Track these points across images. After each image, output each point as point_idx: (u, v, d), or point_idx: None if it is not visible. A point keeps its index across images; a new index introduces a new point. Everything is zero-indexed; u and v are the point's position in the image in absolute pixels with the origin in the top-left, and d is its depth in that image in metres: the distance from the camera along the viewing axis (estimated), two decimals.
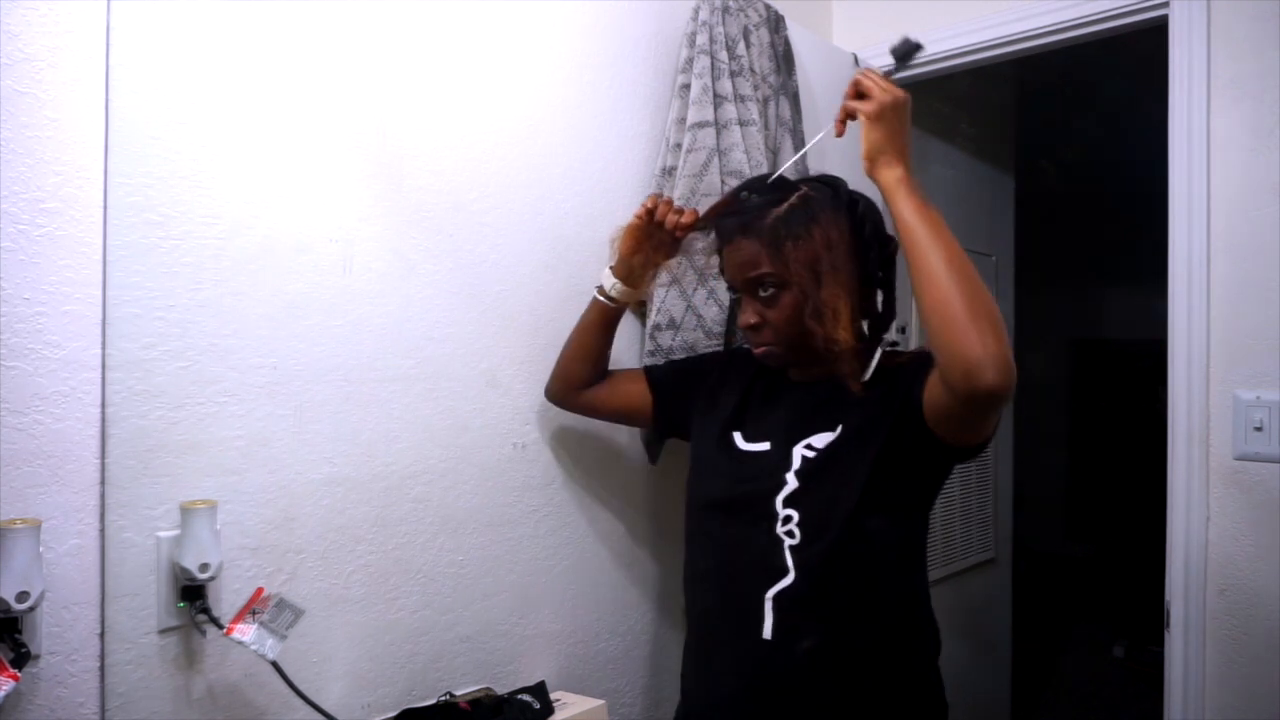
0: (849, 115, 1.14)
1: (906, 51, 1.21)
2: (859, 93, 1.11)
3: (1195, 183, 1.68)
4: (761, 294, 1.20)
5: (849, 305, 1.15)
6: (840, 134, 1.17)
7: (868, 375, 1.19)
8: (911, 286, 1.06)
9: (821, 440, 1.19)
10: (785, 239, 1.16)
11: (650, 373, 1.46)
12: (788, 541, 1.17)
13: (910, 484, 1.18)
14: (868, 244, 1.21)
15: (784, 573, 1.16)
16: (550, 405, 1.53)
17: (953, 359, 0.99)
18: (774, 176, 1.25)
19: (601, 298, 1.39)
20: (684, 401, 1.39)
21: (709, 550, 1.27)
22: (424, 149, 1.37)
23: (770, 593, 1.17)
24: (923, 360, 1.13)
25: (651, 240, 1.33)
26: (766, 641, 1.17)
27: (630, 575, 1.69)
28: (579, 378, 1.45)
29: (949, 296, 1.00)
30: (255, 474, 1.19)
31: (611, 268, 1.38)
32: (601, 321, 1.41)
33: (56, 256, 1.03)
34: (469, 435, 1.43)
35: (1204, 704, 1.67)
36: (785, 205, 1.19)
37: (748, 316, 1.22)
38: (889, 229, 1.21)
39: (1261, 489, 1.61)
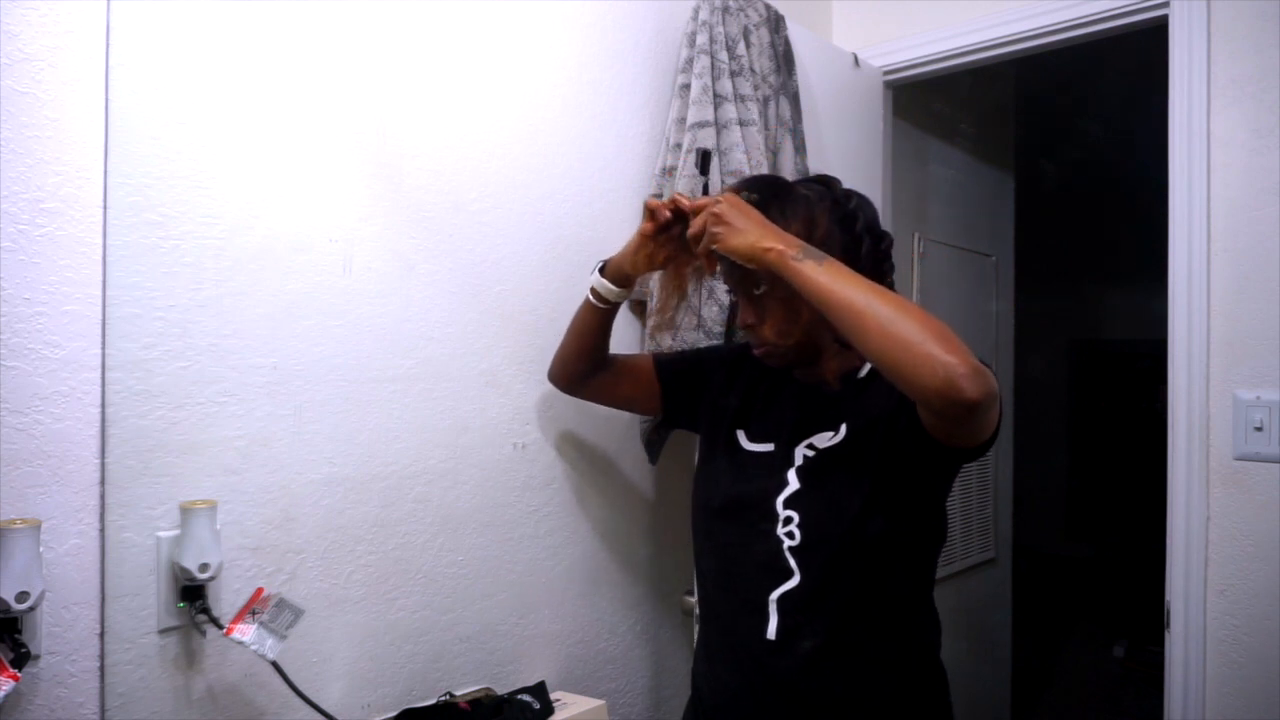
0: (709, 252, 1.13)
1: (704, 161, 1.43)
2: (682, 212, 1.18)
3: (1195, 183, 1.68)
4: (755, 292, 1.19)
5: None
6: (712, 271, 1.23)
7: (864, 371, 1.20)
8: (854, 344, 1.02)
9: (823, 440, 1.19)
10: None
11: (658, 361, 1.43)
12: (787, 543, 1.16)
13: (914, 485, 1.17)
14: (858, 238, 1.20)
15: (788, 574, 1.16)
16: (550, 405, 1.54)
17: (925, 388, 0.95)
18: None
19: (595, 300, 1.35)
20: (692, 393, 1.38)
21: (713, 551, 1.27)
22: (424, 149, 1.37)
23: (775, 594, 1.17)
24: None
25: (655, 242, 1.26)
26: (771, 642, 1.17)
27: (630, 575, 1.69)
28: (580, 372, 1.43)
29: (891, 330, 0.96)
30: (255, 474, 1.19)
31: (600, 269, 1.34)
32: (598, 323, 1.38)
33: (56, 256, 1.03)
34: (469, 435, 1.43)
35: (1204, 704, 1.67)
36: (773, 205, 1.18)
37: (745, 316, 1.22)
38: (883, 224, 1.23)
39: (1261, 489, 1.61)
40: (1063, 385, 5.40)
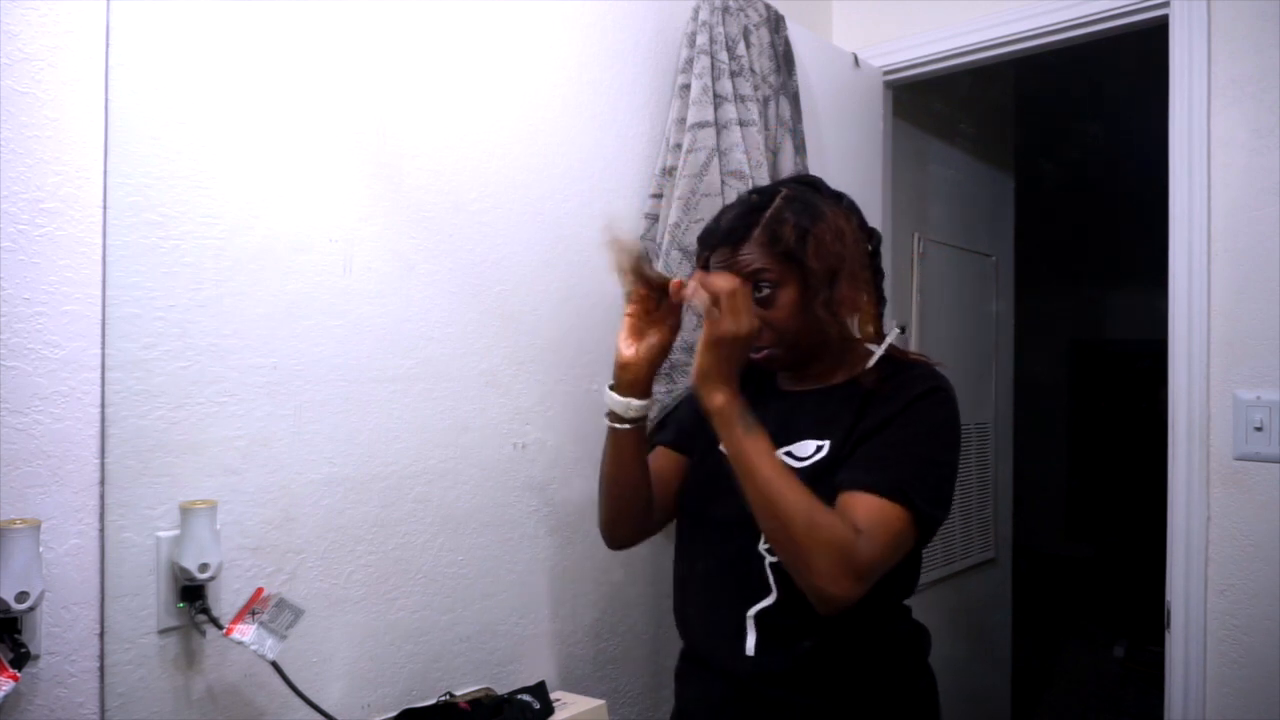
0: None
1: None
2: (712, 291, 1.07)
3: (1195, 183, 1.68)
4: (757, 295, 1.15)
5: (869, 298, 1.15)
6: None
7: (872, 362, 1.17)
8: (754, 512, 1.06)
9: (803, 449, 1.16)
10: (784, 234, 1.13)
11: (663, 441, 1.34)
12: (769, 559, 1.14)
13: None
14: (869, 235, 1.21)
15: (766, 591, 1.14)
16: (550, 405, 1.54)
17: (803, 587, 1.04)
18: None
19: (617, 424, 1.21)
20: (697, 433, 1.30)
21: (692, 564, 1.26)
22: (424, 149, 1.37)
23: (752, 611, 1.15)
24: (913, 399, 1.12)
25: (649, 320, 1.20)
26: (750, 658, 1.15)
27: (630, 575, 1.69)
28: (640, 516, 1.29)
29: (775, 534, 1.05)
30: (255, 474, 1.19)
31: (611, 386, 1.21)
32: (633, 450, 1.23)
33: (56, 256, 1.03)
34: (469, 435, 1.43)
35: (1204, 704, 1.67)
36: (772, 207, 1.15)
37: None
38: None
39: (1261, 489, 1.61)
40: (1063, 385, 5.40)
